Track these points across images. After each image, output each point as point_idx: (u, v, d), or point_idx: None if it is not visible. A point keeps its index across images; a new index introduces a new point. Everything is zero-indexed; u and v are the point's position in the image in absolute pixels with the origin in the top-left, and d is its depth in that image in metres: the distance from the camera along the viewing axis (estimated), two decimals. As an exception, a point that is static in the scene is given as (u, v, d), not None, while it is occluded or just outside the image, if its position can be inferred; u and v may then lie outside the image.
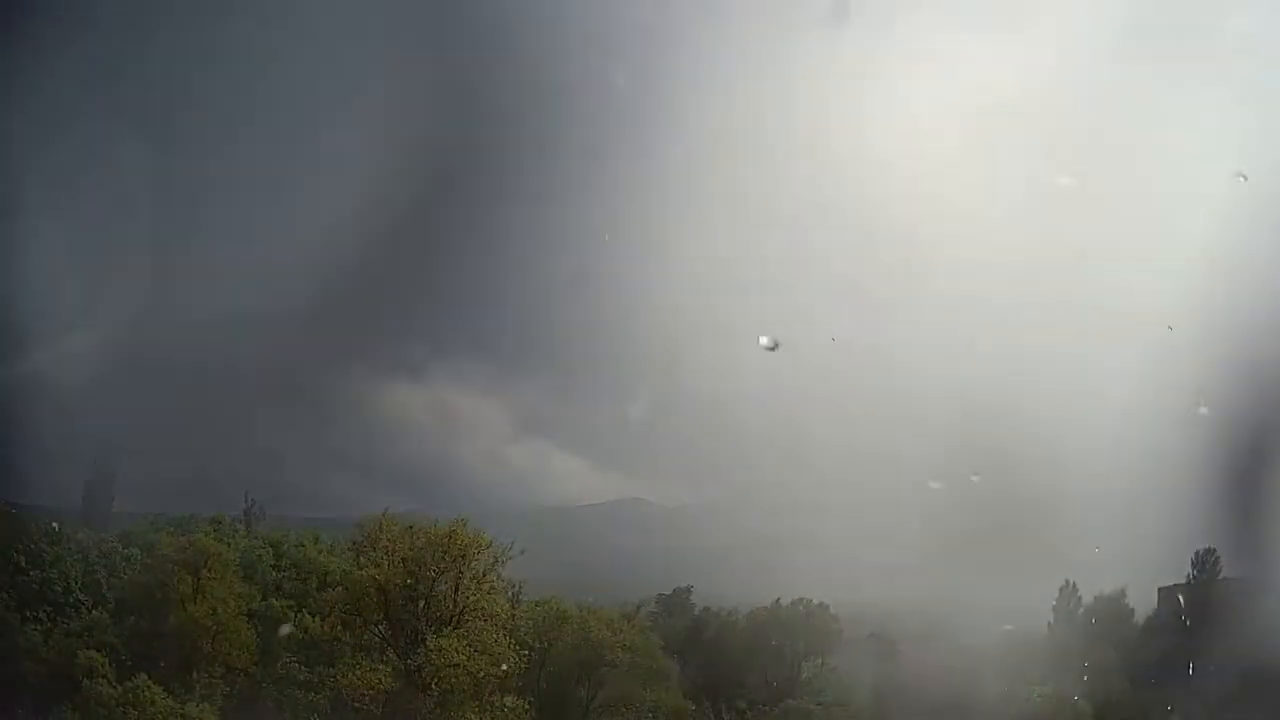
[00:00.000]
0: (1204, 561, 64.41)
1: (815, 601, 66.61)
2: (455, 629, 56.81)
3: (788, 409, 75.90)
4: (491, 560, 57.84)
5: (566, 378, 75.49)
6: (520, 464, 76.79)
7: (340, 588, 58.60)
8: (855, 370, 76.01)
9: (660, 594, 71.40)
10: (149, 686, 52.76)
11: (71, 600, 58.41)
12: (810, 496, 71.14)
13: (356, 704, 55.73)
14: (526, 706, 57.39)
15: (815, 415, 75.62)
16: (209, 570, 55.91)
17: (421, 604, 57.68)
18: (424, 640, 56.60)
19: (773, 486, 72.97)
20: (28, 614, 57.32)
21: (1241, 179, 56.01)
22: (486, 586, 57.75)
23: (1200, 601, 62.02)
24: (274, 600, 59.01)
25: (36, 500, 64.19)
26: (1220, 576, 63.84)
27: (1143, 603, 66.84)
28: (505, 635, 57.11)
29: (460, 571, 57.27)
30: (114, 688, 52.75)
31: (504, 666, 55.86)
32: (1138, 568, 64.82)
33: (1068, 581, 66.07)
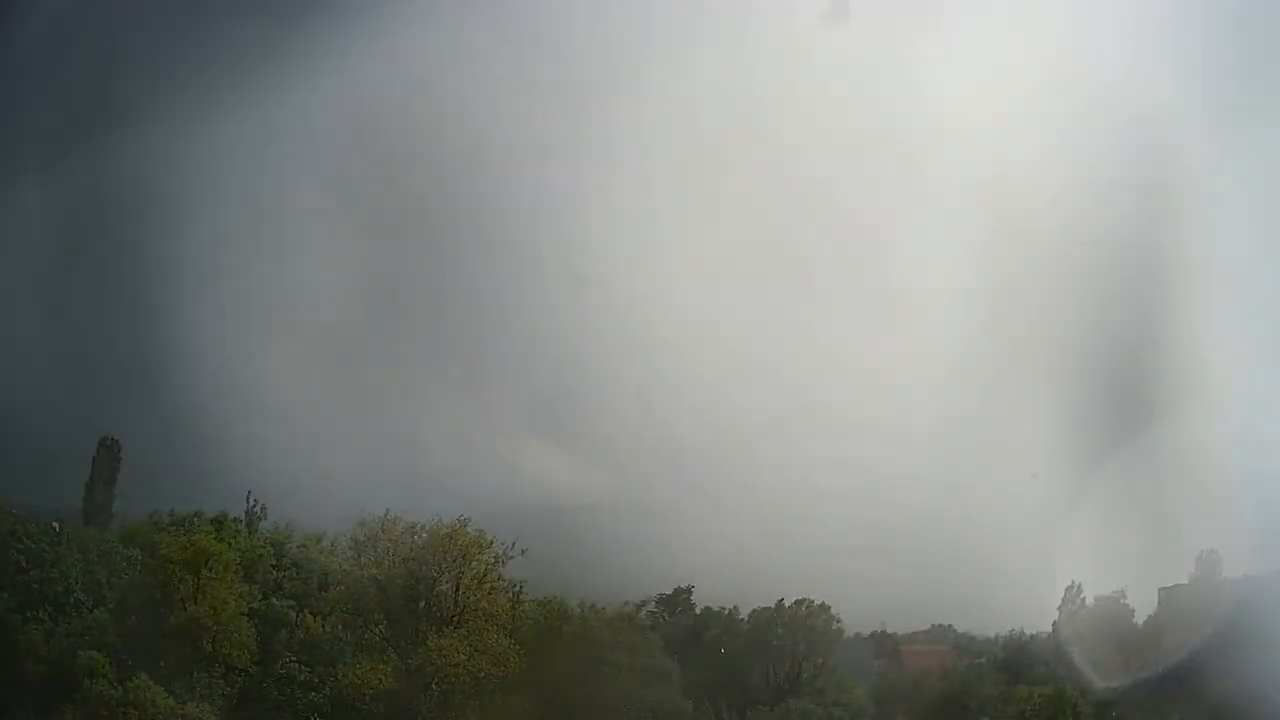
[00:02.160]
0: (1207, 562, 64.39)
1: (816, 601, 66.57)
2: (456, 629, 56.76)
3: (787, 411, 75.69)
4: (492, 560, 57.77)
5: (567, 378, 75.29)
6: (520, 464, 76.46)
7: (341, 587, 58.62)
8: (848, 375, 76.07)
9: (661, 594, 71.23)
10: (149, 686, 52.53)
11: (71, 600, 58.21)
12: (810, 497, 71.01)
13: (357, 704, 55.67)
14: (528, 706, 57.24)
15: (815, 418, 75.47)
16: (210, 570, 55.68)
17: (422, 604, 57.60)
18: (425, 640, 56.54)
19: (771, 487, 72.85)
20: (28, 614, 57.18)
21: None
22: (487, 586, 57.63)
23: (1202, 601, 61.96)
24: (275, 600, 58.87)
25: (36, 500, 64.13)
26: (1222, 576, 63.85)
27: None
28: (506, 635, 57.08)
29: (461, 571, 57.16)
30: (114, 688, 52.47)
31: (505, 667, 55.85)
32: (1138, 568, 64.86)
33: (1073, 582, 65.88)
